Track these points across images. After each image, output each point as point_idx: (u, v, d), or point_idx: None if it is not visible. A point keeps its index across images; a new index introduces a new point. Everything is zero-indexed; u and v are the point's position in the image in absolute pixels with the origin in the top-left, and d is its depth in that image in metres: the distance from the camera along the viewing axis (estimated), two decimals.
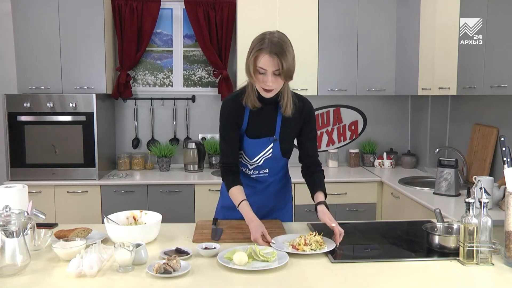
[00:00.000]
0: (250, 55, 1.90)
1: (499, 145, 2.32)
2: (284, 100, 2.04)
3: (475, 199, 1.76)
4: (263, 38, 1.90)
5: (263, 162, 2.15)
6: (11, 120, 3.65)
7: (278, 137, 2.11)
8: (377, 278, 1.64)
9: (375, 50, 4.03)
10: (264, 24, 3.88)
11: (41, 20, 3.71)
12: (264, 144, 2.11)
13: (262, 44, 1.87)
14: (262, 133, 2.11)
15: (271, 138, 2.10)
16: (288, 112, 2.04)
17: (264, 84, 1.92)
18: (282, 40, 1.89)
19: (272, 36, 1.89)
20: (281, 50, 1.85)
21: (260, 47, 1.87)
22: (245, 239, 2.02)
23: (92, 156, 3.70)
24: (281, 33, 1.95)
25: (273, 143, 2.11)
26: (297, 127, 2.15)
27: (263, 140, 2.11)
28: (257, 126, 2.10)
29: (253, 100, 2.03)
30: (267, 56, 1.86)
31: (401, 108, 4.42)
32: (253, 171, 2.19)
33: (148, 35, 4.08)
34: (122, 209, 2.20)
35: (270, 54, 1.85)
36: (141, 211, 2.14)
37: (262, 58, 1.86)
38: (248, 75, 1.94)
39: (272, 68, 1.87)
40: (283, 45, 1.87)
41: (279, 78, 1.90)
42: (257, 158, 2.15)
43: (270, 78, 1.89)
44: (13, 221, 1.66)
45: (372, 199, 3.80)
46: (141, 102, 4.26)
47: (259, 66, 1.88)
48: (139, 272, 1.67)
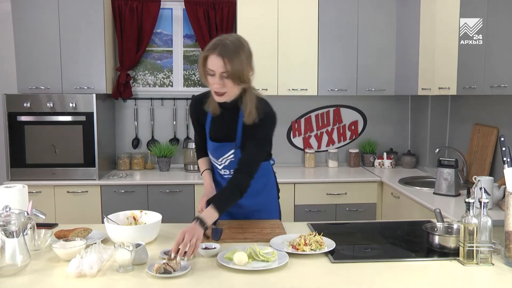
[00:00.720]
0: (200, 57, 1.90)
1: (499, 145, 2.32)
2: (246, 107, 2.00)
3: (475, 199, 1.76)
4: (218, 41, 1.89)
5: (228, 163, 2.16)
6: (11, 120, 3.64)
7: (239, 144, 2.09)
8: (377, 278, 1.64)
9: (375, 50, 4.03)
10: (264, 24, 3.89)
11: (41, 20, 3.71)
12: (226, 148, 2.12)
13: (212, 46, 1.87)
14: (223, 138, 2.11)
15: (232, 144, 2.10)
16: (250, 119, 2.00)
17: (212, 86, 1.91)
18: (234, 43, 1.87)
19: (226, 39, 1.89)
20: (229, 51, 1.84)
21: (210, 47, 1.87)
22: (245, 239, 2.02)
23: (92, 156, 3.70)
24: (238, 36, 1.95)
25: (234, 149, 2.11)
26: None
27: (225, 145, 2.12)
28: (219, 131, 2.12)
29: (214, 105, 2.05)
30: (214, 56, 1.85)
31: (401, 108, 4.42)
32: (224, 170, 2.20)
33: (148, 35, 4.08)
34: (122, 209, 2.21)
35: (218, 55, 1.84)
36: (141, 211, 2.14)
37: (209, 59, 1.86)
38: (201, 77, 1.95)
39: (219, 70, 1.85)
40: (233, 47, 1.85)
41: (228, 81, 1.88)
42: (221, 160, 2.17)
43: (217, 80, 1.87)
44: (13, 221, 1.66)
45: (372, 199, 3.80)
46: (141, 102, 4.26)
47: (207, 67, 1.88)
48: (139, 272, 1.67)
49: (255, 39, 3.92)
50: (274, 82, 3.93)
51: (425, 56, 3.52)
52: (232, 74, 1.86)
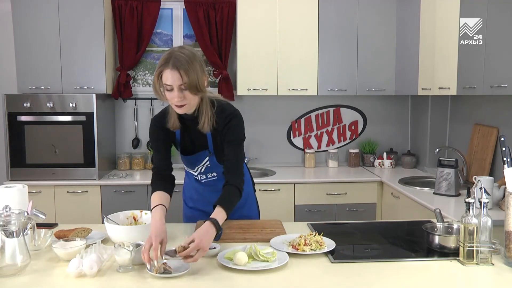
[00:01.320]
0: (155, 73, 1.85)
1: (499, 145, 2.32)
2: (202, 117, 1.98)
3: (475, 199, 1.76)
4: (168, 55, 1.84)
5: (204, 169, 2.18)
6: (11, 120, 3.64)
7: (213, 150, 2.10)
8: (377, 278, 1.64)
9: (375, 50, 4.03)
10: (264, 24, 3.90)
11: (41, 20, 3.71)
12: (200, 158, 2.13)
13: (165, 61, 1.82)
14: (196, 148, 2.11)
15: (206, 152, 2.11)
16: (206, 129, 1.99)
17: (172, 100, 1.87)
18: (186, 54, 1.83)
19: (177, 52, 1.84)
20: (183, 63, 1.80)
21: (162, 63, 1.83)
22: (245, 239, 2.02)
23: (92, 156, 3.70)
24: (189, 48, 1.90)
25: (209, 157, 2.12)
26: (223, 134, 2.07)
27: (198, 155, 2.12)
28: (190, 143, 2.11)
29: (173, 120, 2.01)
30: (168, 71, 1.80)
31: (401, 108, 4.42)
32: (200, 176, 2.22)
33: (148, 35, 4.08)
34: (122, 209, 2.21)
35: (172, 69, 1.80)
36: (141, 211, 2.15)
37: (164, 74, 1.82)
38: (157, 95, 1.90)
39: (176, 83, 1.81)
40: (186, 58, 1.82)
41: (187, 92, 1.84)
42: (197, 168, 2.18)
43: (176, 93, 1.83)
44: (13, 221, 1.66)
45: (372, 199, 3.80)
46: (141, 102, 4.26)
47: (164, 83, 1.83)
48: (139, 272, 1.67)
49: (255, 39, 3.94)
50: (274, 82, 3.94)
51: (425, 56, 3.52)
52: (189, 85, 1.82)
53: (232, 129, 2.03)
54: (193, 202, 2.35)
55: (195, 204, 2.33)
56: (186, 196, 2.39)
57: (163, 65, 1.82)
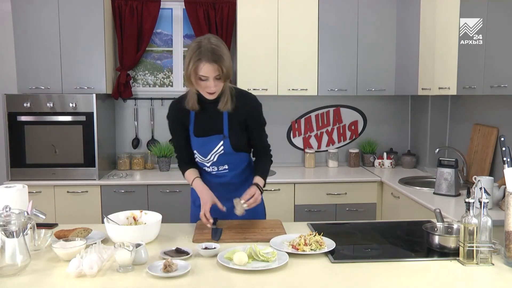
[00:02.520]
0: (189, 66, 1.98)
1: (499, 145, 2.32)
2: (224, 97, 2.12)
3: (475, 199, 1.76)
4: (199, 46, 1.97)
5: (217, 158, 2.23)
6: (11, 120, 3.65)
7: (227, 134, 2.19)
8: (377, 278, 1.64)
9: (375, 50, 4.03)
10: (264, 24, 3.90)
11: (41, 20, 3.71)
12: (214, 142, 2.20)
13: (200, 54, 1.95)
14: (210, 131, 2.20)
15: (220, 136, 2.19)
16: (227, 107, 2.13)
17: (208, 89, 2.03)
18: (217, 45, 1.98)
19: (208, 43, 1.98)
20: (219, 56, 1.96)
21: (198, 56, 1.95)
22: (245, 239, 2.02)
23: (92, 156, 3.70)
24: (215, 37, 2.05)
25: (223, 140, 2.19)
26: (244, 122, 2.22)
27: (213, 138, 2.19)
28: (204, 125, 2.20)
29: (192, 102, 2.14)
30: (207, 64, 1.95)
31: (401, 108, 4.42)
32: (212, 167, 2.27)
33: (148, 35, 4.08)
34: (122, 209, 2.21)
35: (210, 62, 1.95)
36: (141, 211, 2.14)
37: (203, 67, 1.96)
38: (189, 84, 2.04)
39: (213, 74, 1.98)
40: (220, 50, 1.98)
41: (220, 81, 2.02)
42: (210, 155, 2.23)
43: (212, 83, 2.00)
44: (13, 221, 1.66)
45: (372, 199, 3.80)
46: (141, 102, 4.26)
47: (200, 74, 1.97)
48: (139, 272, 1.67)
49: (255, 39, 3.94)
50: (274, 82, 3.94)
51: (425, 56, 3.52)
52: (225, 76, 2.00)
53: (259, 116, 2.25)
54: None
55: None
56: (195, 196, 2.37)
57: (200, 58, 1.94)
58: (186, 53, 2.03)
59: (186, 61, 2.01)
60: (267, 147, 2.34)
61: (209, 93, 2.06)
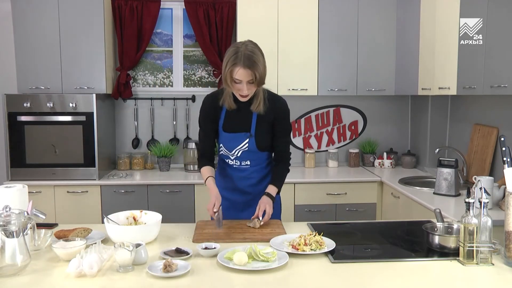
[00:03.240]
0: (226, 69, 2.10)
1: (499, 145, 2.32)
2: (257, 100, 2.23)
3: (475, 199, 1.76)
4: (236, 51, 2.09)
5: (241, 154, 2.33)
6: (11, 120, 3.64)
7: (254, 133, 2.28)
8: (377, 278, 1.64)
9: (375, 50, 4.03)
10: (264, 24, 3.89)
11: (41, 20, 3.71)
12: (241, 139, 2.30)
13: (236, 58, 2.07)
14: (238, 128, 2.30)
15: (247, 134, 2.29)
16: (259, 109, 2.25)
17: (241, 92, 2.15)
18: (253, 52, 2.09)
19: (245, 49, 2.09)
20: (254, 62, 2.07)
21: (234, 61, 2.07)
22: (245, 239, 2.02)
23: (92, 156, 3.70)
24: (253, 43, 2.17)
25: (249, 138, 2.28)
26: (271, 124, 2.32)
27: (239, 135, 2.29)
28: (234, 122, 2.30)
29: (229, 102, 2.25)
30: (241, 69, 2.06)
31: (401, 108, 4.42)
32: (235, 161, 2.36)
33: (148, 35, 4.08)
34: (122, 209, 2.21)
35: (244, 67, 2.06)
36: (141, 211, 2.15)
37: (238, 71, 2.07)
38: (225, 84, 2.15)
39: (246, 79, 2.09)
40: (255, 57, 2.08)
41: (253, 85, 2.12)
42: (235, 151, 2.32)
43: (245, 86, 2.11)
44: (13, 221, 1.66)
45: (372, 199, 3.80)
46: (141, 102, 4.26)
47: (235, 77, 2.09)
48: (139, 272, 1.67)
49: (255, 39, 3.87)
50: (274, 82, 3.93)
51: (425, 56, 3.52)
52: (257, 81, 2.10)
53: (287, 120, 2.36)
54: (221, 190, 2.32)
55: (223, 193, 2.31)
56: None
57: (236, 63, 2.06)
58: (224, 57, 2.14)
59: (223, 64, 2.12)
60: (287, 154, 2.42)
61: (242, 96, 2.17)
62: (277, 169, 2.39)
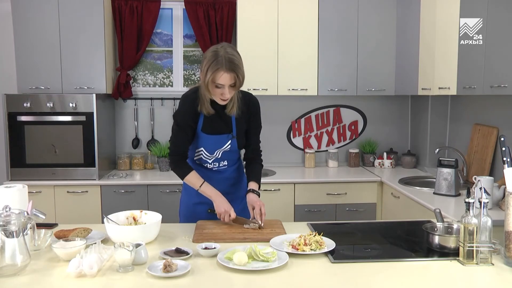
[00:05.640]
0: (207, 75, 2.03)
1: (499, 145, 2.32)
2: (231, 102, 2.20)
3: (475, 199, 1.76)
4: (216, 55, 2.03)
5: (221, 155, 2.32)
6: (11, 120, 3.64)
7: (235, 134, 2.29)
8: (377, 278, 1.64)
9: (375, 50, 4.03)
10: (264, 24, 3.90)
11: (41, 20, 3.71)
12: (223, 140, 2.28)
13: (217, 63, 2.02)
14: (219, 130, 2.27)
15: (229, 135, 2.28)
16: (233, 112, 2.23)
17: (222, 96, 2.10)
18: (234, 55, 2.06)
19: (225, 52, 2.04)
20: (236, 65, 2.04)
21: (216, 66, 2.02)
22: (245, 239, 2.02)
23: (92, 156, 3.70)
24: (230, 46, 2.11)
25: (231, 140, 2.29)
26: (248, 122, 2.34)
27: (222, 137, 2.28)
28: (214, 124, 2.25)
29: (207, 107, 2.19)
30: (225, 73, 2.02)
31: (401, 108, 4.42)
32: (213, 164, 2.34)
33: (148, 35, 4.08)
34: (122, 209, 2.21)
35: (227, 71, 2.02)
36: (141, 211, 2.14)
37: (221, 76, 2.02)
38: (206, 90, 2.09)
39: (229, 83, 2.05)
40: (236, 59, 2.05)
41: (234, 88, 2.10)
42: (216, 152, 2.30)
43: (227, 90, 2.07)
44: (13, 221, 1.66)
45: (372, 199, 3.80)
46: (141, 102, 4.26)
47: (217, 82, 2.04)
48: (139, 272, 1.67)
49: (255, 39, 3.94)
50: (274, 82, 3.93)
51: (425, 56, 3.52)
52: (239, 84, 2.08)
53: (258, 117, 2.36)
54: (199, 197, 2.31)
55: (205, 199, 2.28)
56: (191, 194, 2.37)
57: (218, 68, 2.01)
58: (202, 62, 2.09)
59: (203, 69, 2.06)
60: (259, 151, 2.45)
61: (222, 99, 2.13)
62: (254, 166, 2.39)
